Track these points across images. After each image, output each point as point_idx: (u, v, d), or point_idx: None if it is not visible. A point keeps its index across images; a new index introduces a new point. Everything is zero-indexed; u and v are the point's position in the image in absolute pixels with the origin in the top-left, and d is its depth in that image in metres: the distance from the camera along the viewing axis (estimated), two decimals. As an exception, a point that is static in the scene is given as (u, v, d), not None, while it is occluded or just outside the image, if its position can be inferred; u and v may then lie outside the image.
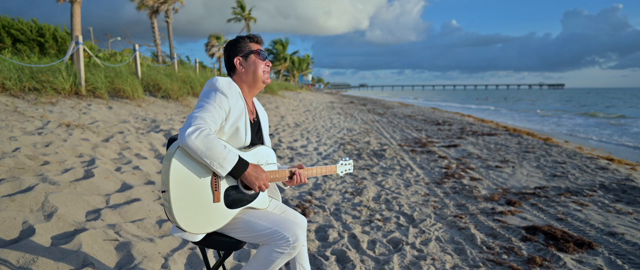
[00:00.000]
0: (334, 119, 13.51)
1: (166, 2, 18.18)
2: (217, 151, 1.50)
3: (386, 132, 10.40)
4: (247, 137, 1.72)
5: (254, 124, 1.82)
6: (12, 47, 10.49)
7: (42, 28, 11.47)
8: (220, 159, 1.51)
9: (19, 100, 5.31)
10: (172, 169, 1.47)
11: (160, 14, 18.77)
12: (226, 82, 1.70)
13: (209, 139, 1.49)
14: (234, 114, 1.67)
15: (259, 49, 1.80)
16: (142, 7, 18.41)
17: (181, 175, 1.49)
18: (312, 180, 4.84)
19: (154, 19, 18.64)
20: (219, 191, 1.60)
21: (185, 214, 1.51)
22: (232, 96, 1.68)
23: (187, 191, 1.51)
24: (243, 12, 35.87)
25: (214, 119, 1.57)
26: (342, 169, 2.13)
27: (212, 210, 1.58)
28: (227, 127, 1.66)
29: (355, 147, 7.58)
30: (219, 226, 1.62)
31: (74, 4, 10.05)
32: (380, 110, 19.70)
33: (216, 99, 1.61)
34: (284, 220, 1.69)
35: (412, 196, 4.39)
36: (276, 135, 8.25)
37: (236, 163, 1.56)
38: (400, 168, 5.83)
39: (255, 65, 1.76)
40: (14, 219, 2.45)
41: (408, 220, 3.60)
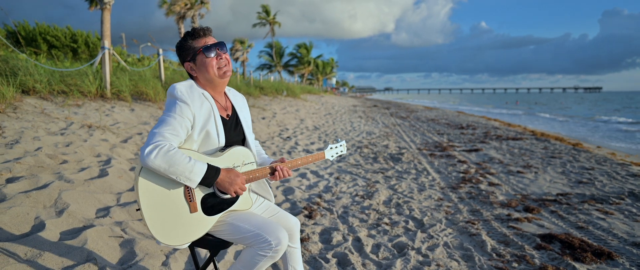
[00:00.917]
0: (354, 122, 13.44)
1: (192, 8, 18.72)
2: (181, 166, 1.45)
3: (406, 136, 10.24)
4: (220, 139, 1.66)
5: (229, 121, 1.75)
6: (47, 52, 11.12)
7: (75, 34, 12.08)
8: (187, 172, 1.46)
9: (47, 103, 5.59)
10: (139, 188, 1.45)
11: (186, 19, 19.35)
12: (186, 87, 1.62)
13: (169, 155, 1.44)
14: (200, 119, 1.60)
15: (203, 46, 1.64)
16: (170, 13, 19.06)
17: (151, 193, 1.47)
18: (323, 182, 4.82)
19: (180, 24, 19.24)
20: (195, 201, 1.56)
21: (163, 229, 1.49)
22: (195, 101, 1.60)
23: (161, 207, 1.48)
24: (268, 17, 36.43)
25: (175, 132, 1.51)
26: (332, 153, 2.06)
27: (191, 220, 1.56)
28: (196, 134, 1.60)
29: (372, 151, 7.50)
30: (201, 234, 1.60)
31: (104, 11, 10.50)
32: (403, 114, 19.43)
33: (176, 110, 1.55)
34: (267, 223, 1.66)
35: (424, 200, 4.28)
36: (293, 137, 8.29)
37: (205, 172, 1.51)
38: (416, 172, 5.71)
39: (205, 66, 1.63)
40: (27, 214, 2.57)
41: (417, 225, 3.51)
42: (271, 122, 9.95)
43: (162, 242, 1.50)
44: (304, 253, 2.79)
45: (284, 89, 19.08)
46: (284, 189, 4.43)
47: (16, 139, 3.89)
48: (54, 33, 11.82)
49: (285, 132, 8.94)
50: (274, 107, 13.36)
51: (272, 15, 36.46)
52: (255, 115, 10.22)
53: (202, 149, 1.65)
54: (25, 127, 4.28)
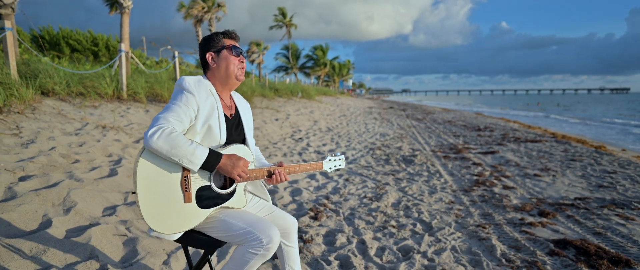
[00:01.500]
0: (368, 124, 13.34)
1: (209, 11, 19.02)
2: (183, 148, 1.49)
3: (421, 138, 10.09)
4: (221, 135, 1.68)
5: (232, 120, 1.78)
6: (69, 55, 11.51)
7: (96, 38, 12.46)
8: (188, 155, 1.50)
9: (65, 104, 5.75)
10: (139, 170, 1.47)
11: (204, 22, 19.67)
12: (194, 80, 1.68)
13: (171, 137, 1.47)
14: (204, 111, 1.64)
15: (232, 45, 1.76)
16: (188, 16, 19.41)
17: (149, 177, 1.49)
18: (331, 184, 4.78)
19: (198, 27, 19.57)
20: (190, 191, 1.57)
21: (155, 215, 1.50)
22: (201, 94, 1.65)
23: (156, 192, 1.50)
24: (284, 19, 36.67)
25: (178, 118, 1.55)
26: (330, 165, 2.05)
27: (184, 210, 1.57)
28: (199, 126, 1.63)
29: (384, 152, 7.41)
30: (192, 226, 1.61)
31: (123, 15, 10.78)
32: (419, 116, 19.18)
33: (182, 99, 1.60)
34: (259, 221, 1.65)
35: (434, 203, 4.19)
36: (306, 139, 8.28)
37: (207, 156, 1.54)
38: (428, 174, 5.61)
39: (227, 61, 1.73)
40: (35, 211, 2.63)
41: (425, 228, 3.43)
42: (284, 123, 9.97)
43: (152, 228, 1.52)
44: (306, 254, 2.75)
45: (299, 90, 19.13)
46: (292, 189, 4.41)
47: (32, 138, 4.00)
48: (76, 37, 12.22)
49: (298, 134, 8.94)
50: (288, 108, 13.40)
51: (289, 18, 36.68)
52: (268, 116, 10.27)
53: (204, 143, 1.67)
54: (42, 128, 4.41)
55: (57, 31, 12.44)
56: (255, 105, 11.48)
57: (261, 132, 8.00)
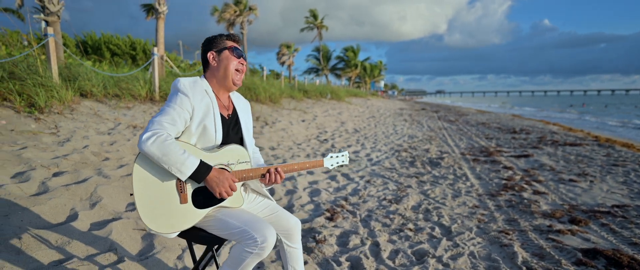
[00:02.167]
0: (398, 125, 13.14)
1: (241, 15, 19.48)
2: (174, 156, 1.50)
3: (451, 140, 9.81)
4: (217, 135, 1.69)
5: (229, 120, 1.79)
6: (110, 59, 12.20)
7: (134, 42, 13.13)
8: (178, 164, 1.51)
9: (101, 105, 6.09)
10: (135, 173, 1.52)
11: (236, 26, 20.17)
12: (189, 81, 1.70)
13: (165, 145, 1.49)
14: (199, 112, 1.66)
15: (233, 46, 1.78)
16: (220, 20, 19.98)
17: (145, 179, 1.53)
18: (351, 185, 4.75)
19: (230, 31, 20.08)
20: (186, 193, 1.60)
21: (152, 215, 1.55)
22: (196, 95, 1.66)
23: (152, 194, 1.54)
24: (315, 21, 36.89)
25: (173, 122, 1.58)
26: (332, 162, 2.01)
27: (180, 211, 1.60)
28: (194, 127, 1.65)
29: (411, 155, 7.27)
30: (188, 226, 1.63)
31: (159, 20, 11.26)
32: (451, 117, 18.66)
33: (177, 101, 1.62)
34: (255, 220, 1.66)
35: (457, 207, 4.06)
36: (331, 140, 8.28)
37: (197, 167, 1.55)
38: (454, 177, 5.44)
39: (227, 61, 1.75)
40: (64, 205, 2.80)
41: (444, 232, 3.33)
42: (311, 124, 10.02)
43: (151, 229, 1.56)
44: (317, 254, 2.75)
45: (328, 92, 19.16)
46: (311, 190, 4.43)
47: (68, 137, 4.27)
48: (116, 42, 12.93)
49: (324, 135, 8.96)
50: (316, 110, 13.45)
51: (320, 20, 36.86)
52: (295, 117, 10.36)
53: (200, 144, 1.70)
54: (78, 127, 4.68)
55: (99, 37, 13.26)
56: (282, 106, 11.62)
57: (286, 132, 8.09)
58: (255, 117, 8.78)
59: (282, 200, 3.95)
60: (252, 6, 20.01)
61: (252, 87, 10.60)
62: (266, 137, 7.14)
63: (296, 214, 3.54)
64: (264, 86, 11.45)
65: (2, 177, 2.98)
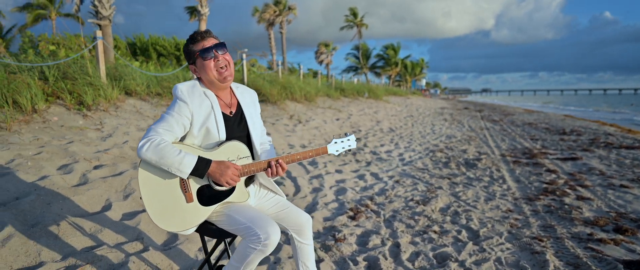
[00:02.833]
0: (436, 125, 12.76)
1: (280, 15, 19.81)
2: (170, 158, 1.55)
3: (492, 141, 9.38)
4: (221, 134, 1.72)
5: (233, 117, 1.80)
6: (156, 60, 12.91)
7: (179, 44, 13.79)
8: (176, 164, 1.56)
9: (144, 103, 6.45)
10: (140, 178, 1.60)
11: (275, 25, 20.54)
12: (187, 87, 1.70)
13: (159, 149, 1.55)
14: (199, 116, 1.68)
15: (201, 49, 1.69)
16: (261, 20, 20.44)
17: (149, 184, 1.60)
18: (379, 185, 4.68)
19: (270, 30, 20.50)
20: (190, 192, 1.66)
21: (162, 216, 1.62)
22: (194, 100, 1.68)
23: (159, 197, 1.61)
24: (355, 19, 36.68)
25: (169, 128, 1.62)
26: (337, 147, 1.95)
27: (188, 210, 1.66)
28: (196, 130, 1.69)
29: (446, 155, 7.04)
30: (198, 223, 1.69)
31: (201, 21, 11.73)
32: (496, 117, 17.82)
33: (175, 108, 1.66)
34: (260, 217, 1.68)
35: (489, 211, 3.88)
36: (364, 139, 8.21)
37: (195, 164, 1.59)
38: (490, 180, 5.20)
39: (203, 68, 1.70)
40: (100, 196, 3.00)
41: (470, 236, 3.20)
42: (345, 123, 9.99)
43: (163, 228, 1.63)
44: (334, 253, 2.75)
45: (366, 90, 18.99)
46: (337, 189, 4.42)
47: (111, 133, 4.57)
48: (162, 43, 13.66)
49: (357, 134, 8.90)
50: (352, 108, 13.39)
51: (360, 18, 36.61)
52: (329, 116, 10.38)
53: (204, 144, 1.74)
54: (121, 124, 5.00)
55: (147, 38, 14.09)
56: (317, 105, 11.68)
57: (319, 131, 8.13)
58: (289, 115, 8.90)
59: (307, 198, 3.98)
60: (291, 6, 20.29)
61: (288, 86, 10.75)
62: (298, 135, 7.22)
63: (319, 212, 3.55)
64: (299, 85, 11.57)
65: (49, 168, 3.25)
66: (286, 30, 20.90)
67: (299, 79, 13.25)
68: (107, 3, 9.33)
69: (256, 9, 20.86)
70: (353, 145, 2.00)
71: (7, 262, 2.08)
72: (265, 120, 7.70)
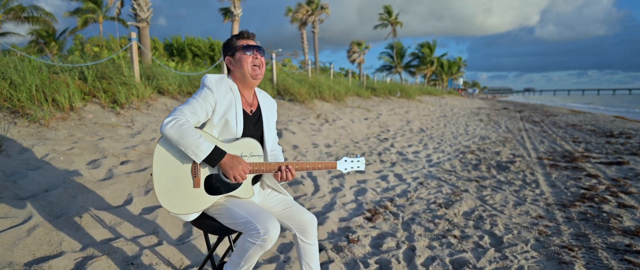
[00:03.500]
0: (470, 126, 12.31)
1: (313, 14, 19.87)
2: (190, 140, 1.61)
3: (529, 143, 8.90)
4: (238, 129, 1.78)
5: (252, 116, 1.86)
6: (191, 60, 13.38)
7: (213, 44, 14.21)
8: (194, 147, 1.62)
9: (175, 102, 6.69)
10: (156, 153, 1.66)
11: (308, 25, 20.64)
12: (215, 78, 1.80)
13: (182, 129, 1.61)
14: (221, 106, 1.75)
15: (244, 44, 1.82)
16: (294, 20, 20.62)
17: (164, 159, 1.66)
18: (402, 186, 4.57)
19: (302, 30, 20.62)
20: (199, 177, 1.70)
21: (166, 194, 1.67)
22: (220, 90, 1.76)
23: (169, 175, 1.67)
24: (389, 17, 36.15)
25: (193, 111, 1.69)
26: (346, 166, 1.96)
27: (193, 194, 1.70)
28: (216, 120, 1.76)
29: (477, 157, 6.76)
30: (199, 209, 1.73)
31: (234, 23, 12.00)
32: (536, 118, 16.92)
33: (201, 94, 1.74)
34: (260, 212, 1.69)
35: (517, 216, 3.67)
36: (391, 139, 8.05)
37: (211, 151, 1.64)
38: (522, 184, 4.93)
39: (242, 61, 1.81)
40: (123, 190, 3.13)
41: (493, 242, 3.04)
42: (373, 123, 9.86)
43: (165, 207, 1.69)
44: (346, 254, 2.70)
45: (398, 89, 18.66)
46: (357, 189, 4.36)
47: (140, 130, 4.77)
48: (197, 44, 14.14)
49: (385, 134, 8.75)
50: (382, 108, 13.19)
51: (394, 16, 36.03)
52: (357, 116, 10.28)
53: (222, 136, 1.80)
54: (150, 121, 5.21)
55: (183, 40, 14.63)
56: (346, 104, 11.61)
57: (346, 130, 8.07)
58: (316, 114, 8.91)
59: (325, 198, 3.95)
60: (324, 5, 20.31)
61: (317, 85, 10.76)
62: (323, 135, 7.20)
63: (335, 212, 3.51)
64: (329, 84, 11.55)
65: (79, 163, 3.44)
66: (318, 30, 20.98)
67: (328, 78, 13.23)
68: (145, 6, 9.76)
69: (289, 9, 21.08)
70: (361, 168, 2.01)
71: (31, 250, 2.21)
72: (292, 119, 7.75)
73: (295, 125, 7.13)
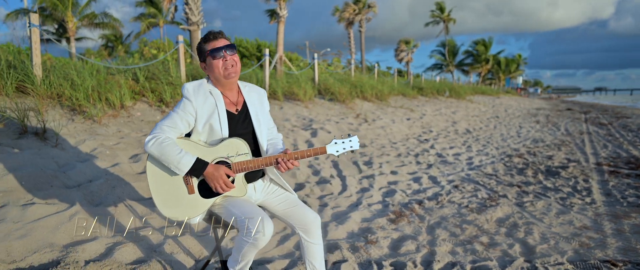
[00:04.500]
0: (524, 127, 11.54)
1: (360, 13, 19.75)
2: (171, 156, 1.68)
3: (589, 147, 8.17)
4: (224, 131, 1.80)
5: (237, 115, 1.87)
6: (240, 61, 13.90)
7: (261, 45, 14.66)
8: (175, 162, 1.68)
9: (218, 101, 7.01)
10: (147, 170, 1.78)
11: (355, 24, 20.55)
12: (193, 86, 1.81)
13: (162, 146, 1.68)
14: (203, 113, 1.78)
15: (212, 48, 1.78)
16: (341, 20, 20.64)
17: (155, 175, 1.77)
18: (434, 189, 4.41)
19: (349, 29, 20.57)
20: (191, 184, 1.78)
21: (166, 205, 1.77)
22: (198, 98, 1.78)
23: (164, 187, 1.77)
24: (442, 14, 34.90)
25: (174, 125, 1.75)
26: (337, 148, 1.89)
27: (190, 201, 1.78)
28: (201, 127, 1.79)
29: (525, 161, 6.33)
30: (199, 213, 1.81)
31: (279, 24, 12.30)
32: (604, 120, 15.43)
33: (180, 106, 1.79)
34: (254, 212, 1.73)
35: (557, 226, 3.40)
36: (432, 140, 7.79)
37: (193, 165, 1.70)
38: (571, 191, 4.55)
39: (212, 66, 1.79)
40: (158, 183, 3.36)
41: (524, 252, 2.85)
42: (415, 123, 9.59)
43: (167, 216, 1.78)
44: (361, 254, 2.68)
45: (447, 89, 17.96)
46: (387, 190, 4.28)
47: (181, 127, 5.06)
48: (245, 45, 14.68)
49: (426, 134, 8.48)
50: (427, 108, 12.78)
51: (447, 13, 34.72)
52: (399, 116, 10.06)
53: (209, 140, 1.85)
54: (192, 119, 5.51)
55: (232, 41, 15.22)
56: (389, 104, 11.41)
57: (384, 130, 7.94)
58: (355, 114, 8.86)
59: (352, 197, 3.93)
60: (371, 4, 20.09)
61: (358, 85, 10.70)
62: (360, 135, 7.15)
63: (358, 212, 3.49)
64: (371, 83, 11.42)
65: (122, 157, 3.74)
66: (365, 29, 20.80)
67: (372, 78, 13.09)
68: (196, 10, 10.33)
69: (337, 8, 21.12)
70: (355, 147, 1.93)
71: (70, 234, 2.45)
72: (330, 118, 7.78)
73: (332, 124, 7.15)
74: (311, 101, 8.67)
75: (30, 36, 4.50)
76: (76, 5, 20.39)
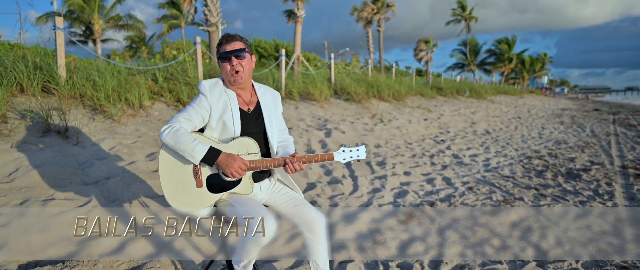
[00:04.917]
0: (547, 128, 11.21)
1: (378, 13, 19.62)
2: (185, 144, 1.74)
3: (615, 150, 7.86)
4: (236, 129, 1.86)
5: (250, 114, 1.93)
6: (258, 61, 14.11)
7: (279, 45, 14.79)
8: (190, 150, 1.74)
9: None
10: (160, 159, 1.83)
11: (373, 24, 20.43)
12: (209, 83, 1.89)
13: (177, 135, 1.74)
14: (217, 110, 1.85)
15: (222, 51, 1.87)
16: (359, 19, 20.57)
17: (167, 165, 1.82)
18: (447, 191, 4.35)
19: (368, 29, 20.47)
20: (201, 178, 1.83)
21: (174, 196, 1.83)
22: (213, 95, 1.85)
23: (174, 178, 1.82)
24: (463, 12, 34.26)
25: (189, 118, 1.82)
26: (344, 155, 1.94)
27: (197, 194, 1.84)
28: (214, 123, 1.86)
29: (545, 163, 6.16)
30: (205, 207, 1.86)
31: (297, 24, 12.37)
32: (634, 121, 14.80)
33: (196, 101, 1.87)
34: (257, 209, 1.76)
35: (574, 230, 3.30)
36: (449, 141, 7.67)
37: (206, 153, 1.75)
38: (591, 195, 4.40)
39: (222, 68, 1.89)
40: (171, 181, 3.45)
41: (536, 255, 2.78)
42: (433, 124, 9.47)
43: (173, 207, 1.84)
44: (368, 255, 2.68)
45: (467, 89, 17.62)
46: (399, 191, 4.26)
47: (197, 126, 5.18)
48: (264, 45, 14.83)
49: (443, 135, 8.36)
50: (445, 108, 12.58)
51: (468, 11, 34.05)
52: (417, 116, 9.95)
53: (222, 137, 1.91)
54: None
55: (251, 42, 15.52)
56: (406, 104, 11.29)
57: (400, 131, 7.87)
58: (371, 114, 8.82)
59: (363, 198, 3.93)
60: (390, 3, 19.93)
61: (375, 84, 10.64)
62: (375, 135, 7.11)
63: (369, 213, 3.48)
64: (388, 83, 11.34)
65: (139, 155, 3.85)
66: (384, 28, 20.64)
67: (389, 77, 12.99)
68: (215, 11, 10.51)
69: (355, 8, 21.05)
70: (362, 156, 1.98)
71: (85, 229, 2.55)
72: (345, 118, 7.78)
73: (347, 124, 7.14)
74: (327, 101, 8.69)
75: (55, 38, 4.69)
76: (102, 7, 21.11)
